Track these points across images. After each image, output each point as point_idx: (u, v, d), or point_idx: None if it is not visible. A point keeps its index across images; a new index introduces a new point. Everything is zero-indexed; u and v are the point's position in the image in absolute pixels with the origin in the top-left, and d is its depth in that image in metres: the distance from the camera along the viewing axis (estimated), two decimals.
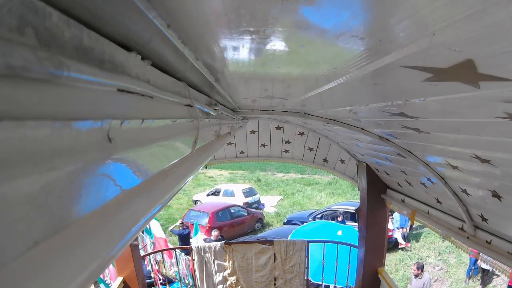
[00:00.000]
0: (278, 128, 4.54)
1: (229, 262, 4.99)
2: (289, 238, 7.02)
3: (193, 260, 4.90)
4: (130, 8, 0.45)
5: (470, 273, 8.87)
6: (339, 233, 7.69)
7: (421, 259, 10.02)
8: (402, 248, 10.75)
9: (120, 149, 0.51)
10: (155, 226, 8.24)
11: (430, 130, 1.48)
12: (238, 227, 12.39)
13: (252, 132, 4.61)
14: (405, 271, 9.72)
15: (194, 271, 4.92)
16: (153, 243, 8.17)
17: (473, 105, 0.92)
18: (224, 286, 4.98)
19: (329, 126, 2.65)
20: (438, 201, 2.59)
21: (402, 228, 10.85)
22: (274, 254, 4.97)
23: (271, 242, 5.06)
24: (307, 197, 17.99)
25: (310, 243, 5.05)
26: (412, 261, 9.95)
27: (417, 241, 11.20)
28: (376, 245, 3.93)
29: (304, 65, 0.93)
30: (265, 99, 1.98)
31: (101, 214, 0.45)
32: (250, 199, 15.83)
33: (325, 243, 5.16)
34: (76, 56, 0.39)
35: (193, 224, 10.17)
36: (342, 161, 4.70)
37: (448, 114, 1.12)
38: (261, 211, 15.08)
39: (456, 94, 0.84)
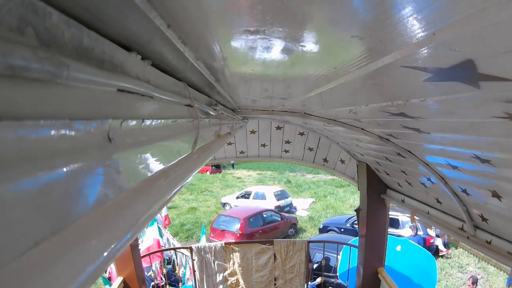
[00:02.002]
0: (278, 128, 4.54)
1: (229, 262, 4.99)
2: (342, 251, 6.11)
3: (193, 260, 4.90)
4: (130, 8, 0.45)
5: (511, 282, 8.51)
6: (398, 248, 6.83)
7: (461, 267, 9.59)
8: (442, 256, 10.18)
9: (120, 149, 0.51)
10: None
11: (430, 130, 1.48)
12: (270, 233, 11.55)
13: (252, 132, 4.61)
14: (447, 281, 9.09)
15: (194, 271, 4.92)
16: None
17: (473, 105, 0.92)
18: (224, 286, 4.98)
19: (329, 126, 2.65)
20: (438, 201, 2.59)
21: (443, 234, 10.30)
22: (274, 254, 4.97)
23: (271, 242, 5.06)
24: (340, 200, 17.13)
25: (310, 243, 5.06)
26: (453, 269, 9.52)
27: (456, 248, 10.59)
28: (376, 245, 3.92)
29: (304, 65, 0.93)
30: (265, 99, 1.99)
31: (101, 214, 0.45)
32: (282, 202, 15.06)
33: (325, 243, 5.24)
34: (76, 56, 0.39)
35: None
36: (342, 161, 4.70)
37: (448, 114, 1.12)
38: (294, 215, 14.24)
39: (456, 94, 0.84)
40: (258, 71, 1.07)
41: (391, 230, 9.85)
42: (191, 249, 4.93)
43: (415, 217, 3.07)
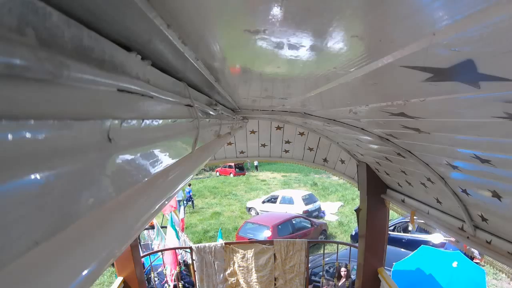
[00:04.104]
0: (278, 128, 4.54)
1: (229, 262, 4.99)
2: (392, 271, 5.72)
3: (193, 260, 4.90)
4: (130, 8, 0.45)
5: None
6: (454, 264, 6.53)
7: (495, 274, 9.25)
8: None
9: (120, 149, 0.51)
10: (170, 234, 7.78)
11: (430, 130, 1.48)
12: None
13: (252, 132, 4.61)
14: None
15: (195, 271, 4.92)
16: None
17: (473, 105, 0.92)
18: (224, 286, 4.98)
19: (329, 126, 2.65)
20: (438, 201, 2.59)
21: None
22: (274, 254, 4.98)
23: (271, 242, 5.07)
24: None
25: (310, 243, 5.07)
26: (488, 276, 9.05)
27: None
28: (376, 245, 3.93)
29: (304, 65, 0.93)
30: (265, 99, 1.99)
31: (101, 214, 0.45)
32: (310, 207, 14.34)
33: (324, 244, 5.26)
34: (76, 56, 0.39)
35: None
36: (342, 161, 4.70)
37: (448, 114, 1.12)
38: (323, 220, 13.58)
39: (456, 94, 0.85)
40: (258, 71, 1.07)
41: (421, 236, 9.71)
42: (191, 249, 4.93)
43: (414, 217, 3.07)
